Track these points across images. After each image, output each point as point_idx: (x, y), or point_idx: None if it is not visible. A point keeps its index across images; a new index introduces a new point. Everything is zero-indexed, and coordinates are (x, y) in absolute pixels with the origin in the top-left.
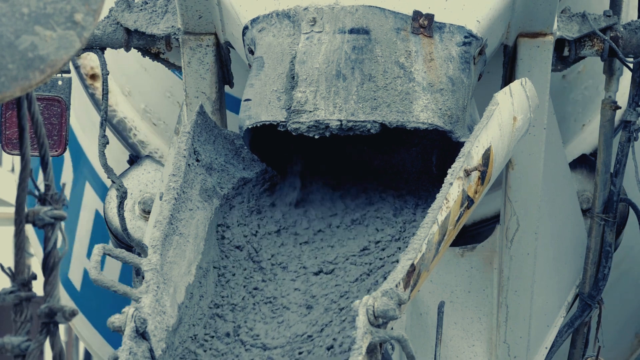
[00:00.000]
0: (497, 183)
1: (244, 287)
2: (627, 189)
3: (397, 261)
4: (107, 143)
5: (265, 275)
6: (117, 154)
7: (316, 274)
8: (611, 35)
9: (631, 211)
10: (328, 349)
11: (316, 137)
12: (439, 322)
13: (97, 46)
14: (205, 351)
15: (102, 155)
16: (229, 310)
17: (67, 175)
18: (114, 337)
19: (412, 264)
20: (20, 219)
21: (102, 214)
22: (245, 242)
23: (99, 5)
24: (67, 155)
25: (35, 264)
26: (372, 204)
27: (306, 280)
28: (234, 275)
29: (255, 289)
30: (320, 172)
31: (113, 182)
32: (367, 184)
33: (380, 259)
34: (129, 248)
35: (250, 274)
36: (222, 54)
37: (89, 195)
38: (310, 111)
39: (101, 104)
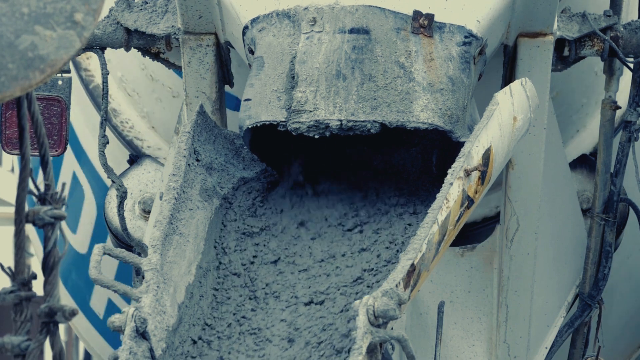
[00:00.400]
0: (497, 183)
1: (234, 314)
2: (627, 189)
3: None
4: (107, 143)
5: (257, 304)
6: (117, 153)
7: (307, 304)
8: (611, 35)
9: (631, 211)
10: None
11: (316, 137)
12: (439, 322)
13: (97, 46)
14: None
15: (102, 155)
16: (215, 337)
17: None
18: (113, 336)
19: (412, 264)
20: (20, 219)
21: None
22: (242, 270)
23: (99, 5)
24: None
25: (35, 264)
26: (391, 225)
27: (295, 310)
28: (228, 298)
29: (244, 317)
30: (329, 179)
31: (113, 182)
32: (387, 200)
33: (369, 286)
34: (129, 248)
35: (243, 302)
36: (222, 53)
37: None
38: (310, 111)
39: (101, 103)
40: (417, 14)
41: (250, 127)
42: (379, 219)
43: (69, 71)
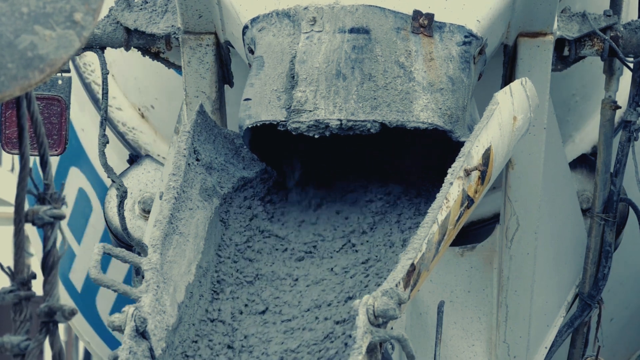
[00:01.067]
0: (497, 183)
1: None
2: (627, 189)
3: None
4: (107, 142)
5: (232, 355)
6: (117, 152)
7: None
8: (611, 35)
9: (631, 211)
10: None
11: (316, 136)
12: (438, 321)
13: (96, 45)
14: None
15: (102, 154)
16: None
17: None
18: (112, 336)
19: (412, 264)
20: (19, 218)
21: (85, 191)
22: (229, 319)
23: (99, 4)
24: None
25: (35, 264)
26: (386, 262)
27: None
28: (210, 340)
29: None
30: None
31: (113, 181)
32: (403, 225)
33: (332, 341)
34: (129, 247)
35: (219, 351)
36: (222, 53)
37: (74, 175)
38: (310, 111)
39: (101, 103)
40: (417, 14)
41: (250, 126)
42: (385, 256)
43: (68, 71)
